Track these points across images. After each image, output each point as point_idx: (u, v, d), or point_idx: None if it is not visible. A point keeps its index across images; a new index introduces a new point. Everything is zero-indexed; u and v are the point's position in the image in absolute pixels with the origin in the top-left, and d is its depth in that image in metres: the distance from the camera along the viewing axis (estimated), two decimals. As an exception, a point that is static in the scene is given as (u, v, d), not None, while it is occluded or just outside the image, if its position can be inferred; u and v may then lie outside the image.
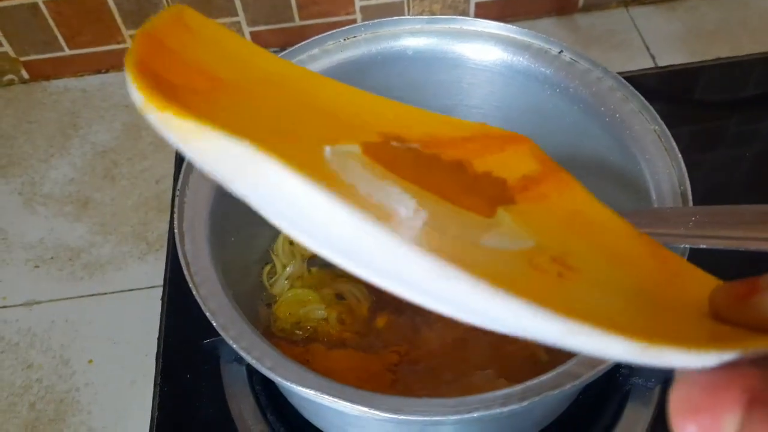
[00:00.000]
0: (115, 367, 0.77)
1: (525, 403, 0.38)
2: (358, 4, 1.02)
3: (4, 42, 1.01)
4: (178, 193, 0.48)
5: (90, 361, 0.78)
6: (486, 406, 0.38)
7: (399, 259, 0.17)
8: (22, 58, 1.04)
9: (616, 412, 0.58)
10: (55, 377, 0.77)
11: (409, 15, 1.04)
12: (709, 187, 0.79)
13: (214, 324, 0.42)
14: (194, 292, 0.44)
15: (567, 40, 1.05)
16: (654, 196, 0.47)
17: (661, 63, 1.00)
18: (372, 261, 0.18)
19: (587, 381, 0.39)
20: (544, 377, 0.40)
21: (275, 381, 0.41)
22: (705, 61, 0.98)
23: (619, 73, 0.92)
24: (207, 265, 0.46)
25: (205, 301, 0.43)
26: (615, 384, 0.58)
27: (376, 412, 0.38)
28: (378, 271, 0.18)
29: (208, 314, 0.43)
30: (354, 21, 1.03)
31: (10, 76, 1.06)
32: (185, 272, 0.45)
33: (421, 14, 1.05)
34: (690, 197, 0.45)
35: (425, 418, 0.38)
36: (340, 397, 0.38)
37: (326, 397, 0.39)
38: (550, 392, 0.39)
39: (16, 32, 0.99)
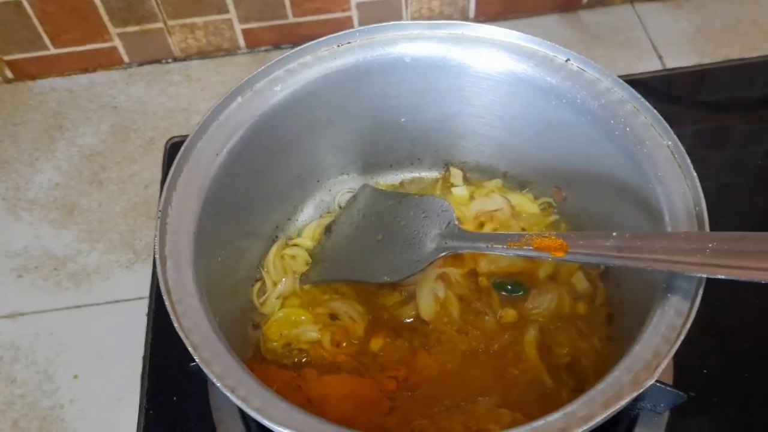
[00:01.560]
0: (101, 382, 0.74)
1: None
2: (353, 1, 0.98)
3: (-13, 40, 0.98)
4: (159, 214, 0.45)
5: (75, 377, 0.75)
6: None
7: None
8: (6, 57, 1.00)
9: (624, 440, 0.55)
10: (39, 393, 0.74)
11: (406, 12, 1.01)
12: (716, 189, 0.76)
13: (197, 359, 0.39)
14: (176, 325, 0.41)
15: (571, 38, 1.01)
16: (667, 218, 0.44)
17: (669, 63, 0.97)
18: None
19: (597, 424, 0.36)
20: (550, 418, 0.38)
21: (262, 422, 0.38)
22: (714, 63, 0.95)
23: (627, 75, 0.90)
24: (191, 293, 0.43)
25: (187, 333, 0.41)
26: (623, 409, 0.56)
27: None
28: None
29: (190, 349, 0.40)
30: (349, 18, 1.00)
31: (-6, 76, 1.03)
32: (166, 302, 0.42)
33: (419, 11, 1.02)
34: (706, 220, 0.43)
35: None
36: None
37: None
38: (558, 437, 0.36)
39: (-1, 30, 0.97)
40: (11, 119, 0.99)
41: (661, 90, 0.90)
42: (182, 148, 0.49)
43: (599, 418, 0.36)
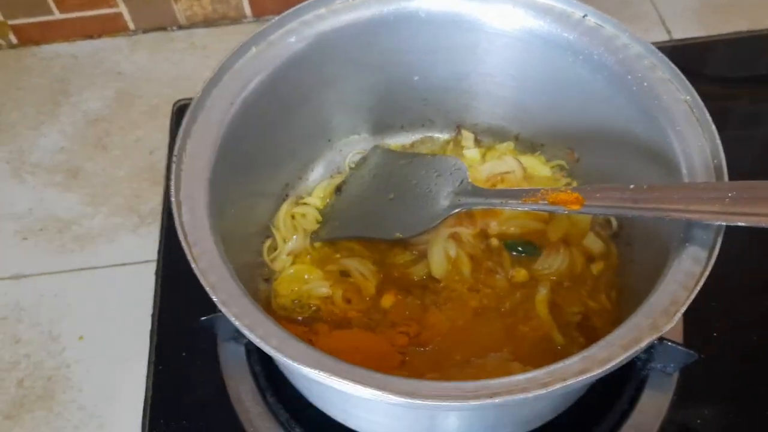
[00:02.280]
0: (106, 343, 0.74)
1: (549, 389, 0.36)
2: (362, -30, 0.98)
3: (-8, 5, 0.97)
4: (174, 159, 0.45)
5: (80, 338, 0.75)
6: (508, 391, 0.36)
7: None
8: (11, 22, 1.00)
9: (634, 398, 0.55)
10: (44, 353, 0.74)
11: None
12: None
13: (215, 299, 0.39)
14: (193, 265, 0.40)
15: (578, 12, 1.01)
16: (684, 170, 0.44)
17: (676, 35, 0.97)
18: None
19: (616, 366, 0.36)
20: (568, 361, 0.38)
21: (280, 361, 0.38)
22: (722, 34, 0.95)
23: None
24: (206, 236, 0.43)
25: (204, 274, 0.40)
26: (632, 369, 0.56)
27: (390, 396, 0.35)
28: None
29: (208, 289, 0.39)
30: (357, -12, 1.00)
31: (-3, 41, 1.02)
32: (183, 243, 0.41)
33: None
34: (725, 171, 0.43)
35: (442, 404, 0.36)
36: (352, 380, 0.36)
37: (337, 379, 0.36)
38: (576, 378, 0.36)
39: (3, -6, 0.96)
40: (15, 83, 0.99)
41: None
42: (196, 96, 0.48)
43: (618, 360, 0.36)
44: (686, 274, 0.40)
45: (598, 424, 0.54)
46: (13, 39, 1.02)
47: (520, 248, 0.58)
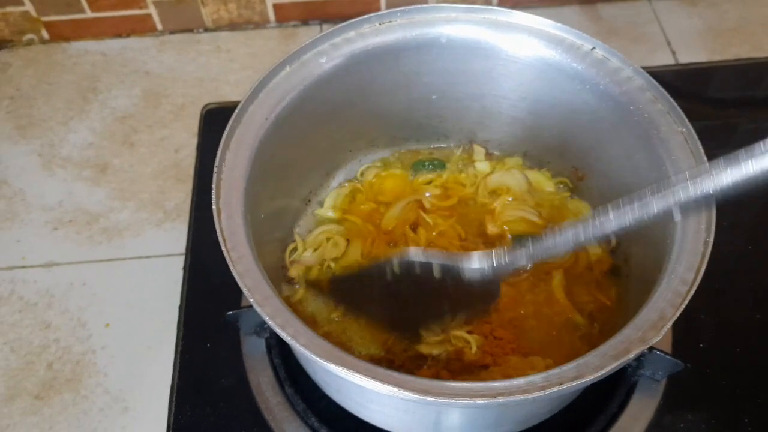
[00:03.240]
0: (131, 331, 0.78)
1: (547, 392, 0.40)
2: (382, -17, 1.02)
3: (26, 1, 1.01)
4: (216, 169, 0.49)
5: (107, 325, 0.79)
6: (510, 393, 0.40)
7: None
8: (43, 18, 1.04)
9: (624, 402, 0.60)
10: (73, 339, 0.78)
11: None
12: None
13: (251, 300, 0.44)
14: (231, 269, 0.45)
15: (588, 30, 1.04)
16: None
17: (681, 58, 1.00)
18: None
19: (608, 373, 0.41)
20: (564, 367, 0.42)
21: (308, 357, 0.42)
22: (726, 60, 0.99)
23: (643, 68, 0.94)
24: (242, 242, 0.47)
25: (241, 277, 0.45)
26: (623, 376, 0.61)
27: (405, 393, 0.40)
28: None
29: (245, 290, 0.44)
30: (377, 0, 1.03)
31: (30, 36, 1.06)
32: (223, 248, 0.46)
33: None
34: (714, 204, 0.47)
35: (451, 401, 0.40)
36: (372, 377, 0.40)
37: (359, 376, 0.40)
38: (571, 383, 0.40)
39: (38, -9, 1.00)
40: (46, 78, 1.03)
41: (672, 84, 0.93)
42: (236, 111, 0.52)
43: (608, 368, 0.40)
44: (674, 293, 0.44)
45: (589, 425, 0.58)
46: (45, 35, 1.06)
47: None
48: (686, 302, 0.43)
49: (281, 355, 0.62)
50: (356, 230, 0.63)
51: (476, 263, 0.49)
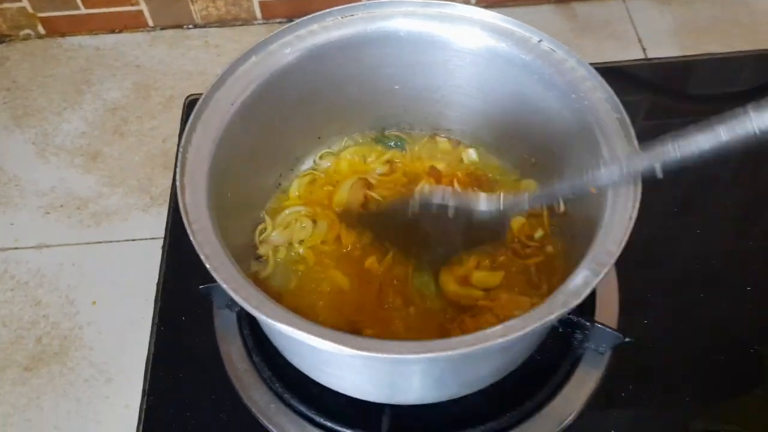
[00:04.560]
0: (116, 309, 0.83)
1: (473, 349, 0.44)
2: (364, -19, 1.06)
3: (23, -3, 1.06)
4: (181, 149, 0.53)
5: (93, 303, 0.84)
6: (441, 349, 0.44)
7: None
8: (40, 14, 1.08)
9: (569, 371, 0.63)
10: (61, 315, 0.83)
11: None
12: (695, 180, 0.81)
13: (207, 266, 0.48)
14: (191, 238, 0.49)
15: (563, 27, 1.09)
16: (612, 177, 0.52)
17: (651, 55, 1.04)
18: None
19: (532, 332, 0.45)
20: (494, 329, 0.46)
21: (259, 318, 0.46)
22: (694, 55, 1.02)
23: (611, 63, 0.98)
24: (204, 215, 0.51)
25: (201, 246, 0.49)
26: (570, 348, 0.64)
27: (346, 349, 0.44)
28: None
29: (202, 257, 0.48)
30: (359, -3, 1.07)
31: (27, 31, 1.10)
32: (184, 220, 0.50)
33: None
34: (639, 182, 0.51)
35: (380, 356, 0.44)
36: (314, 334, 0.44)
37: (302, 333, 0.44)
38: (497, 340, 0.44)
39: (35, -12, 1.04)
40: (42, 72, 1.07)
41: (640, 77, 0.96)
42: (202, 97, 0.56)
43: (532, 327, 0.44)
44: (598, 264, 0.48)
45: (537, 391, 0.62)
46: (41, 30, 1.11)
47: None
48: (607, 270, 0.47)
49: (250, 326, 0.66)
50: (320, 212, 0.67)
51: (484, 205, 0.56)
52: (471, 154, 0.71)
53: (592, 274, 0.47)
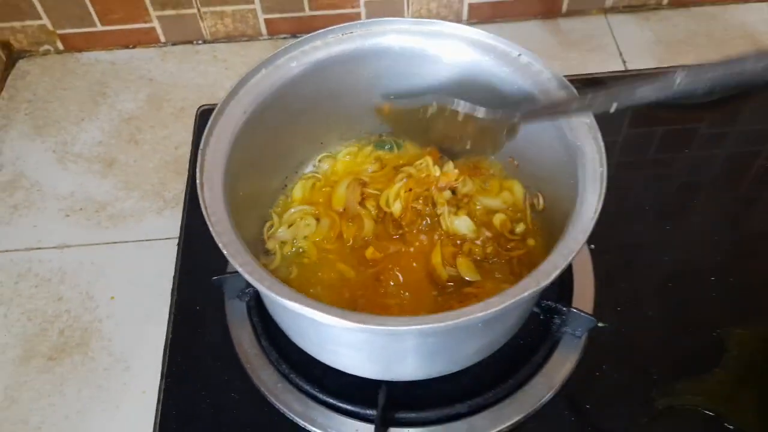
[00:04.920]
0: (133, 303, 0.88)
1: (457, 322, 0.50)
2: (362, -1, 1.13)
3: (43, 15, 1.12)
4: (200, 152, 0.60)
5: (112, 298, 0.89)
6: (427, 323, 0.50)
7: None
8: (59, 31, 1.14)
9: (548, 354, 0.70)
10: (82, 309, 0.88)
11: (407, 11, 1.15)
12: (669, 181, 0.88)
13: (225, 252, 0.54)
14: (210, 228, 0.55)
15: (549, 42, 1.16)
16: (579, 173, 0.59)
17: (631, 67, 1.11)
18: None
19: (507, 308, 0.51)
20: (475, 306, 0.52)
21: (270, 297, 0.53)
22: (670, 67, 1.09)
23: (592, 74, 1.05)
24: (221, 209, 0.58)
25: (219, 235, 0.55)
26: (548, 332, 0.71)
27: (345, 322, 0.50)
28: None
29: (220, 245, 0.54)
30: (358, 14, 1.14)
31: (46, 47, 1.17)
32: (204, 213, 0.56)
33: (419, 11, 1.16)
34: (605, 177, 0.57)
35: (384, 328, 0.50)
36: (318, 309, 0.50)
37: (308, 309, 0.51)
38: (478, 314, 0.51)
39: (54, 7, 1.10)
40: (61, 85, 1.14)
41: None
42: (218, 105, 0.63)
43: (507, 304, 0.51)
44: (568, 249, 0.55)
45: (517, 372, 0.68)
46: (60, 46, 1.17)
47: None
48: (573, 256, 0.53)
49: (259, 314, 0.73)
50: (323, 211, 0.74)
51: (483, 113, 0.67)
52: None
53: (561, 259, 0.54)
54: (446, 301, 0.67)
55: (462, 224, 0.70)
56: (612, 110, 0.55)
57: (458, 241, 0.71)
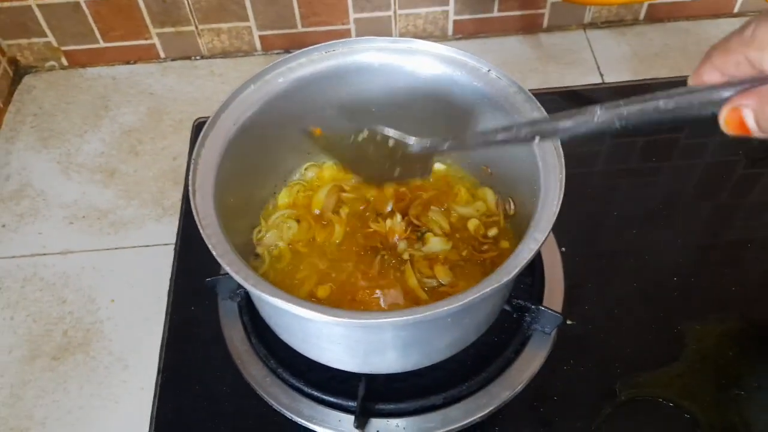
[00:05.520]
0: (132, 306, 0.92)
1: (426, 314, 0.55)
2: (352, 17, 1.18)
3: (48, 33, 1.17)
4: (193, 161, 0.65)
5: (112, 301, 0.93)
6: (401, 315, 0.55)
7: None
8: (63, 48, 1.20)
9: (518, 350, 0.75)
10: (84, 311, 0.93)
11: (395, 27, 1.21)
12: (657, 194, 0.93)
13: (214, 253, 0.59)
14: (201, 231, 0.60)
15: (530, 56, 1.21)
16: (542, 180, 0.64)
17: (608, 80, 1.16)
18: None
19: (471, 303, 0.56)
20: (442, 302, 0.57)
21: (255, 294, 0.58)
22: (645, 79, 1.14)
23: (571, 87, 1.10)
24: (211, 213, 0.62)
25: (209, 237, 0.60)
26: (519, 329, 0.76)
27: (324, 316, 0.55)
28: None
29: (210, 246, 0.59)
30: (348, 30, 1.20)
31: (51, 63, 1.22)
32: (195, 217, 0.61)
33: (406, 27, 1.21)
34: (563, 184, 0.62)
35: (356, 321, 0.55)
36: (299, 305, 0.55)
37: (290, 305, 0.55)
38: (444, 308, 0.55)
39: (59, 25, 1.16)
40: (65, 99, 1.19)
41: (598, 100, 1.08)
42: (210, 118, 0.68)
43: (471, 298, 0.55)
44: (528, 249, 0.59)
45: (488, 366, 0.73)
46: (65, 62, 1.22)
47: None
48: (534, 254, 0.58)
49: (249, 314, 0.78)
50: (302, 214, 0.79)
51: (413, 141, 0.67)
52: (437, 165, 0.83)
53: (522, 258, 0.59)
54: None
55: (435, 245, 0.75)
56: (536, 142, 0.60)
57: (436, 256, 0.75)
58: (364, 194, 0.79)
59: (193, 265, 0.84)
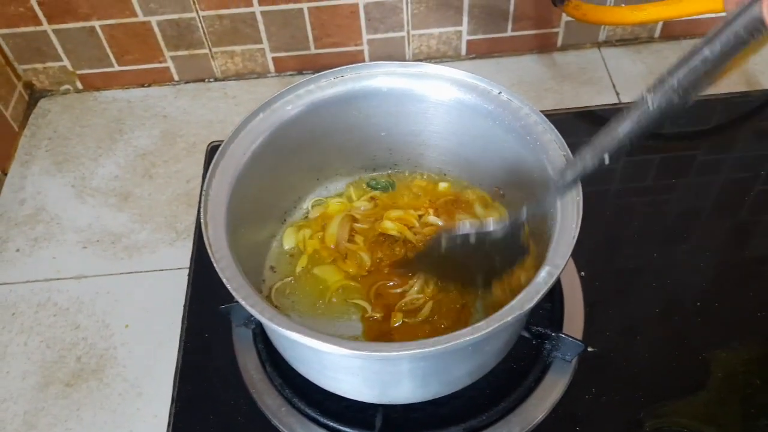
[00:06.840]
0: (146, 331, 0.92)
1: (447, 346, 0.53)
2: (365, 38, 1.18)
3: (64, 57, 1.18)
4: (203, 192, 0.65)
5: (126, 326, 0.93)
6: (419, 347, 0.53)
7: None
8: (78, 72, 1.20)
9: (539, 378, 0.73)
10: (98, 337, 0.92)
11: (408, 48, 1.20)
12: (675, 213, 0.91)
13: (228, 287, 0.58)
14: (215, 265, 0.59)
15: (544, 75, 1.20)
16: (558, 203, 0.63)
17: (625, 99, 1.14)
18: None
19: (492, 332, 0.54)
20: (463, 331, 0.55)
21: (269, 327, 0.57)
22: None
23: (588, 107, 1.08)
24: (224, 246, 0.61)
25: (222, 271, 0.59)
26: (539, 356, 0.74)
27: (342, 349, 0.54)
28: None
29: (224, 280, 0.58)
30: (361, 52, 1.19)
31: (66, 87, 1.23)
32: (209, 250, 0.60)
33: (419, 47, 1.21)
34: (581, 207, 0.61)
35: (375, 354, 0.54)
36: (315, 338, 0.54)
37: (306, 338, 0.54)
38: (466, 338, 0.54)
39: (74, 49, 1.17)
40: (79, 122, 1.19)
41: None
42: (219, 148, 0.67)
43: (492, 328, 0.53)
44: (548, 275, 0.58)
45: (508, 395, 0.71)
46: (79, 85, 1.22)
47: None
48: (554, 281, 0.57)
49: (264, 341, 0.77)
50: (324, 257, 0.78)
51: (492, 225, 0.64)
52: (442, 185, 0.82)
53: (542, 283, 0.58)
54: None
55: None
56: (606, 162, 0.55)
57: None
58: (376, 220, 0.78)
59: (207, 290, 0.83)
